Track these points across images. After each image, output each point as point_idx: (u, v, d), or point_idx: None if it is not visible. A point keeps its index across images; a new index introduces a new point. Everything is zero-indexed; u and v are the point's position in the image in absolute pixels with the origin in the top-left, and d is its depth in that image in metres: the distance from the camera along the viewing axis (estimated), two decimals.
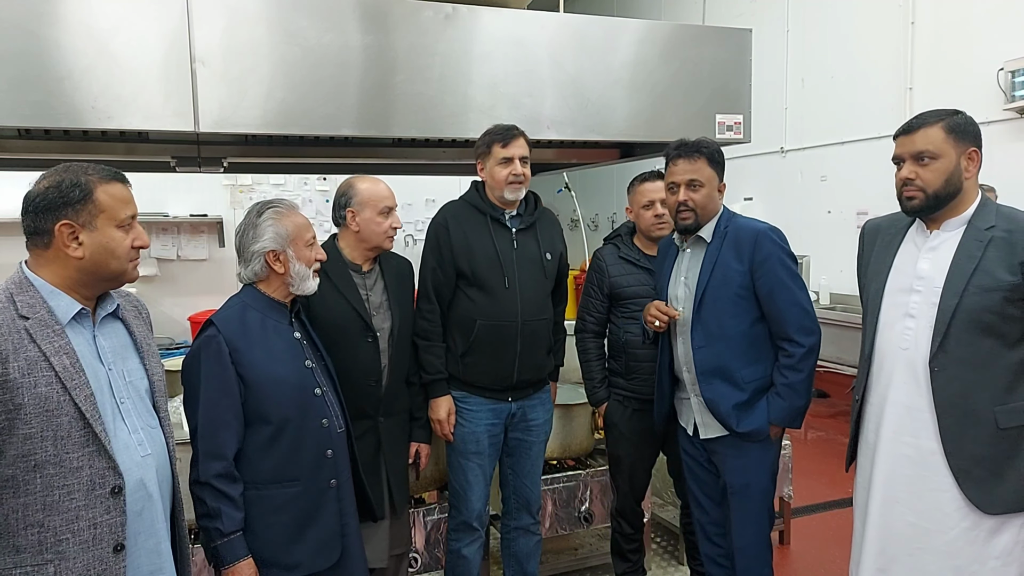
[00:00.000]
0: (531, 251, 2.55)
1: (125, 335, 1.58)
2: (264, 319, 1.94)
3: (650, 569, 3.20)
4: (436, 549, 2.80)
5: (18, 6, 2.16)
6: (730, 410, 2.25)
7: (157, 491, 1.54)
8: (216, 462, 1.80)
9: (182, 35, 2.33)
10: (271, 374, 1.88)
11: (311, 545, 1.91)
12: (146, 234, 1.56)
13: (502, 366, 2.51)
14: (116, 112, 2.28)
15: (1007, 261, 1.79)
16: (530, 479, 2.67)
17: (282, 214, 1.97)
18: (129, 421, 1.50)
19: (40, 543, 1.37)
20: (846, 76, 6.03)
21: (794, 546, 3.55)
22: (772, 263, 2.23)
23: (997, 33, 4.83)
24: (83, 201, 1.45)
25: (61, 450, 1.38)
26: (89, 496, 1.41)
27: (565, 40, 2.89)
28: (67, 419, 1.38)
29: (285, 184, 6.53)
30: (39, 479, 1.37)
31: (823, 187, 6.21)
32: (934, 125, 1.88)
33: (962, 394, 1.83)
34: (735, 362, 2.26)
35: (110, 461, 1.43)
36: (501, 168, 2.46)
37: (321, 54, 2.50)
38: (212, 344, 1.84)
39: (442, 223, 2.54)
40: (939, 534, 1.87)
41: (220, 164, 3.17)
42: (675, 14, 8.03)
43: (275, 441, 1.88)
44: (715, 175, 2.29)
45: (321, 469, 1.94)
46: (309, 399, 1.94)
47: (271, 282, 1.98)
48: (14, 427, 1.34)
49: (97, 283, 1.51)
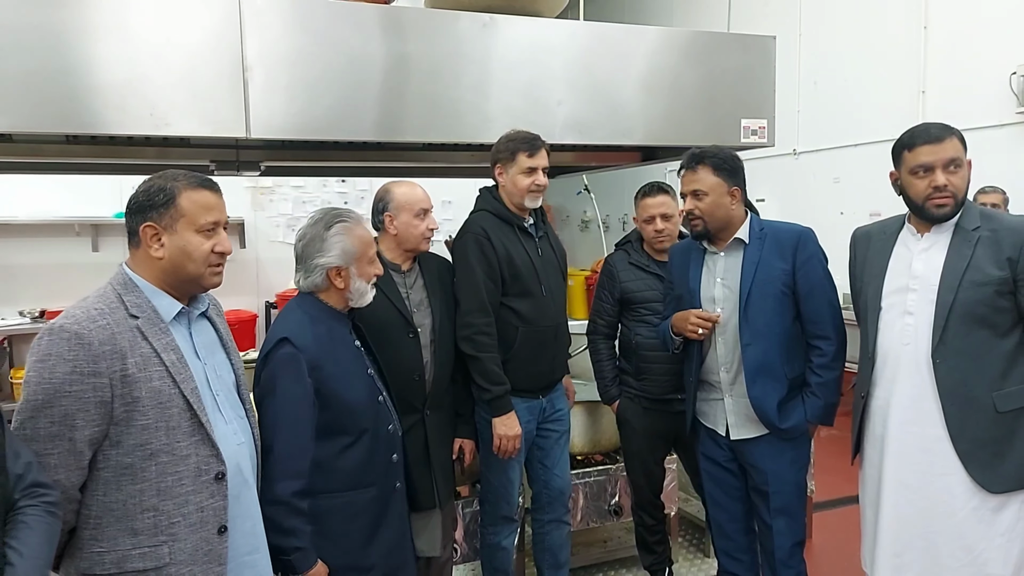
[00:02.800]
0: (549, 256, 2.68)
1: (212, 332, 1.68)
2: (331, 331, 1.96)
3: (677, 561, 3.29)
4: (475, 539, 2.90)
5: (79, 18, 2.26)
6: (775, 408, 2.33)
7: (252, 477, 1.64)
8: (296, 481, 1.82)
9: (235, 45, 2.42)
10: (348, 388, 1.93)
11: (384, 546, 1.98)
12: (228, 241, 1.62)
13: (541, 368, 2.63)
14: (173, 119, 2.38)
15: (995, 257, 1.96)
16: (560, 468, 2.77)
17: (350, 229, 1.98)
18: (224, 412, 1.60)
19: (155, 526, 1.47)
20: (859, 79, 6.10)
21: (816, 539, 3.64)
22: (814, 263, 2.34)
23: (1009, 37, 4.91)
24: (166, 205, 1.54)
25: (172, 439, 1.48)
26: (196, 482, 1.52)
27: (593, 48, 2.98)
28: (177, 410, 1.49)
29: (305, 186, 6.64)
30: (154, 466, 1.47)
31: (836, 189, 6.28)
32: (953, 136, 2.02)
33: (962, 382, 1.97)
34: (779, 359, 2.34)
35: (214, 449, 1.53)
36: (524, 177, 2.54)
37: (365, 62, 2.59)
38: (292, 364, 1.83)
39: (483, 234, 2.56)
40: (948, 516, 2.00)
41: (257, 168, 3.28)
42: (688, 20, 8.10)
43: (351, 449, 1.93)
44: (721, 182, 2.34)
45: (389, 473, 2.02)
46: (377, 407, 2.00)
47: (330, 294, 2.00)
48: (132, 418, 1.45)
49: (180, 285, 1.58)
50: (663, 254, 2.82)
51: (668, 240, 2.81)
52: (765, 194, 7.03)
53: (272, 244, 6.47)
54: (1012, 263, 1.95)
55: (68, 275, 5.67)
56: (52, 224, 5.63)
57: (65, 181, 5.50)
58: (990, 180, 4.56)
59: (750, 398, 2.35)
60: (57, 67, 2.23)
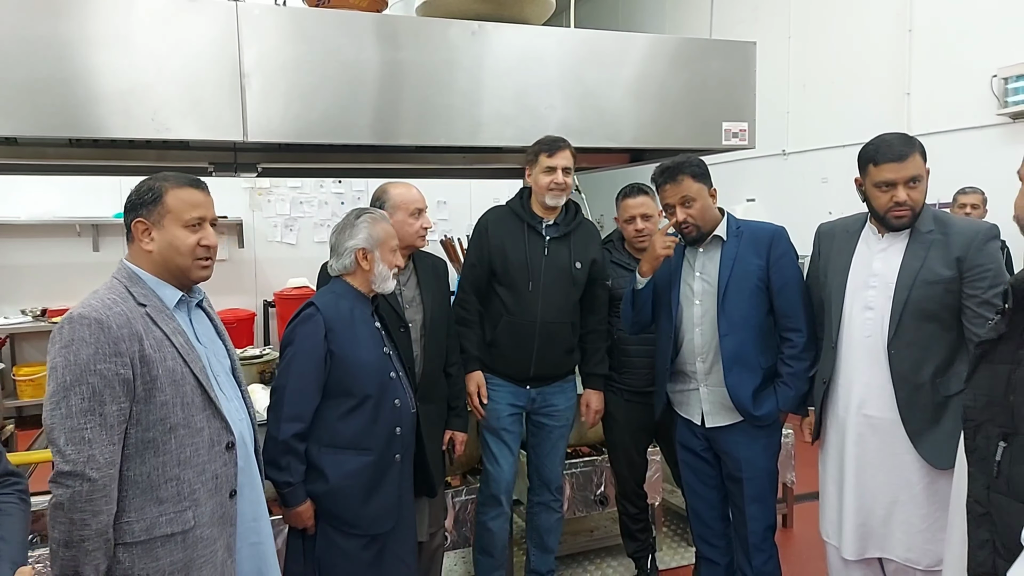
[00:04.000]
0: (561, 259, 2.75)
1: (208, 321, 1.81)
2: (353, 308, 2.20)
3: (660, 549, 3.41)
4: (464, 528, 3.02)
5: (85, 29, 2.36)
6: (749, 396, 2.45)
7: (253, 449, 1.79)
8: (296, 423, 2.08)
9: (233, 53, 2.52)
10: (357, 355, 2.14)
11: (373, 509, 2.16)
12: (214, 236, 1.73)
13: (520, 360, 2.73)
14: (174, 124, 2.48)
15: (945, 259, 2.14)
16: (550, 460, 2.89)
17: (376, 220, 2.25)
18: (225, 391, 1.74)
19: (179, 493, 1.61)
20: (846, 82, 6.21)
21: (796, 528, 3.76)
22: (787, 260, 2.48)
23: (991, 40, 5.01)
24: (155, 203, 1.67)
25: (188, 414, 1.62)
26: (211, 452, 1.66)
27: (582, 54, 3.07)
28: (189, 387, 1.62)
29: (302, 187, 6.73)
30: (173, 439, 1.60)
31: (824, 189, 6.40)
32: (915, 152, 2.15)
33: (913, 370, 2.15)
34: (754, 349, 2.47)
35: (223, 422, 1.68)
36: (544, 176, 2.68)
37: (359, 69, 2.69)
38: (311, 321, 2.12)
39: (483, 226, 2.82)
40: (907, 488, 2.19)
41: (255, 169, 3.38)
42: (679, 23, 8.21)
43: (355, 412, 2.14)
44: (702, 187, 2.48)
45: (391, 443, 2.19)
46: (386, 380, 2.19)
47: (357, 276, 2.24)
48: (151, 396, 1.57)
49: (171, 277, 1.70)
50: (643, 253, 2.92)
51: (647, 241, 2.90)
52: (754, 194, 7.14)
53: (270, 244, 6.56)
54: (960, 261, 2.12)
55: (69, 274, 5.78)
56: (53, 224, 5.73)
57: (66, 182, 5.60)
58: (972, 180, 4.68)
59: (727, 386, 2.47)
60: (64, 75, 2.34)
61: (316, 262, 2.61)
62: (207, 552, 1.64)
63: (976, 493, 1.54)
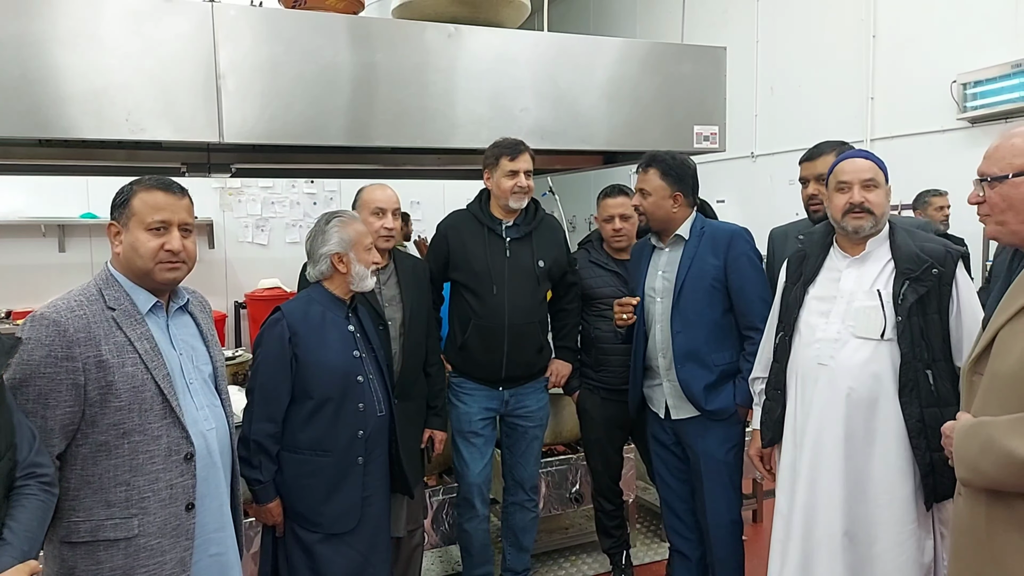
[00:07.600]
0: (523, 259, 2.76)
1: (193, 326, 1.79)
2: (325, 312, 2.21)
3: (634, 545, 3.46)
4: (441, 527, 3.04)
5: (58, 28, 2.34)
6: (701, 390, 2.52)
7: (220, 460, 1.76)
8: (268, 424, 2.14)
9: (208, 54, 2.52)
10: (319, 358, 2.15)
11: (334, 509, 2.17)
12: (179, 240, 1.66)
13: (492, 362, 2.75)
14: (148, 124, 2.47)
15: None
16: (524, 461, 2.91)
17: (345, 223, 2.26)
18: (196, 399, 1.72)
19: (127, 499, 1.60)
20: (812, 85, 6.35)
21: (766, 523, 3.83)
22: (743, 260, 2.53)
23: (951, 47, 5.16)
24: (123, 205, 1.67)
25: (145, 420, 1.61)
26: (167, 461, 1.64)
27: (556, 57, 3.11)
28: (149, 394, 1.61)
29: (273, 187, 6.67)
30: (127, 444, 1.59)
31: (791, 191, 6.42)
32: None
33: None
34: (706, 347, 2.53)
35: (183, 431, 1.66)
36: (507, 179, 2.69)
37: (335, 71, 2.70)
38: (277, 326, 2.18)
39: (443, 233, 2.84)
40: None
41: (228, 170, 3.36)
42: (650, 27, 8.30)
43: (315, 416, 2.16)
44: (665, 186, 2.55)
45: (351, 446, 2.19)
46: (351, 384, 2.20)
47: (335, 280, 2.25)
48: (107, 400, 1.57)
49: (140, 280, 1.67)
50: (622, 253, 2.97)
51: (626, 240, 2.96)
52: (725, 195, 7.26)
53: (241, 244, 6.48)
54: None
55: (35, 275, 5.66)
56: (18, 225, 5.60)
57: (31, 182, 5.48)
58: (932, 183, 4.81)
59: (679, 381, 2.55)
60: (36, 75, 2.31)
61: (288, 263, 2.62)
62: (152, 563, 1.62)
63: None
